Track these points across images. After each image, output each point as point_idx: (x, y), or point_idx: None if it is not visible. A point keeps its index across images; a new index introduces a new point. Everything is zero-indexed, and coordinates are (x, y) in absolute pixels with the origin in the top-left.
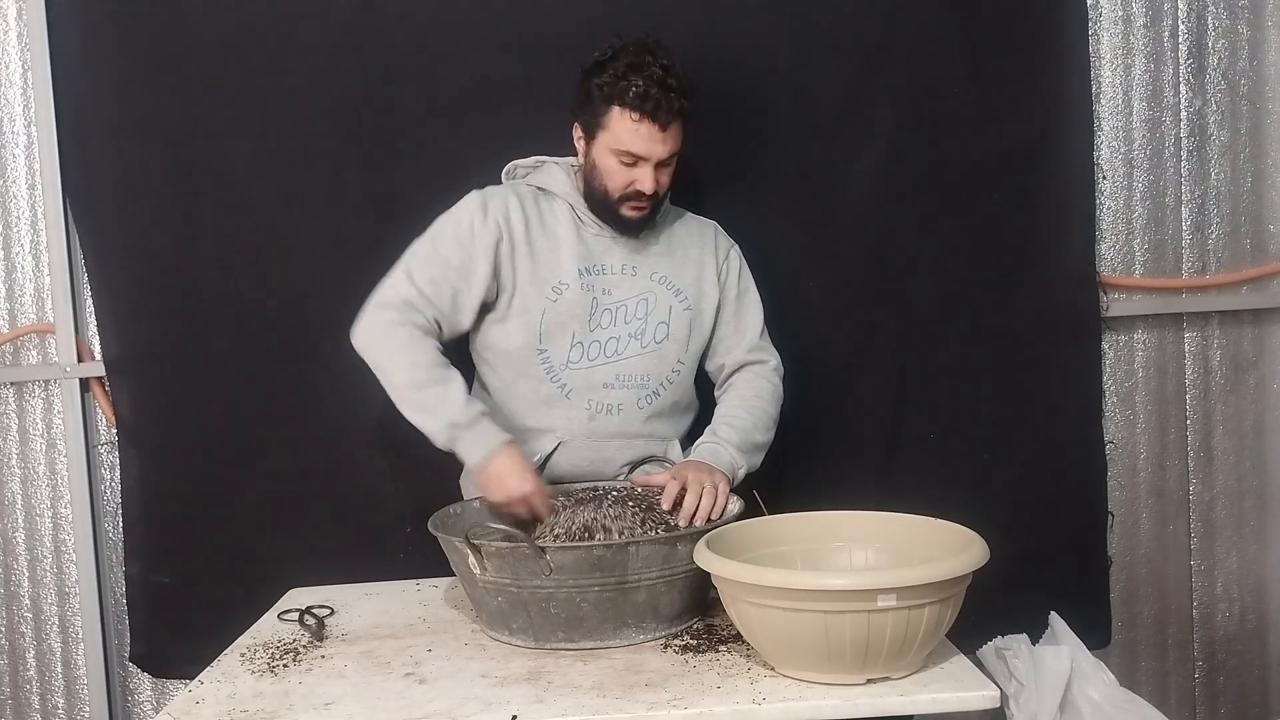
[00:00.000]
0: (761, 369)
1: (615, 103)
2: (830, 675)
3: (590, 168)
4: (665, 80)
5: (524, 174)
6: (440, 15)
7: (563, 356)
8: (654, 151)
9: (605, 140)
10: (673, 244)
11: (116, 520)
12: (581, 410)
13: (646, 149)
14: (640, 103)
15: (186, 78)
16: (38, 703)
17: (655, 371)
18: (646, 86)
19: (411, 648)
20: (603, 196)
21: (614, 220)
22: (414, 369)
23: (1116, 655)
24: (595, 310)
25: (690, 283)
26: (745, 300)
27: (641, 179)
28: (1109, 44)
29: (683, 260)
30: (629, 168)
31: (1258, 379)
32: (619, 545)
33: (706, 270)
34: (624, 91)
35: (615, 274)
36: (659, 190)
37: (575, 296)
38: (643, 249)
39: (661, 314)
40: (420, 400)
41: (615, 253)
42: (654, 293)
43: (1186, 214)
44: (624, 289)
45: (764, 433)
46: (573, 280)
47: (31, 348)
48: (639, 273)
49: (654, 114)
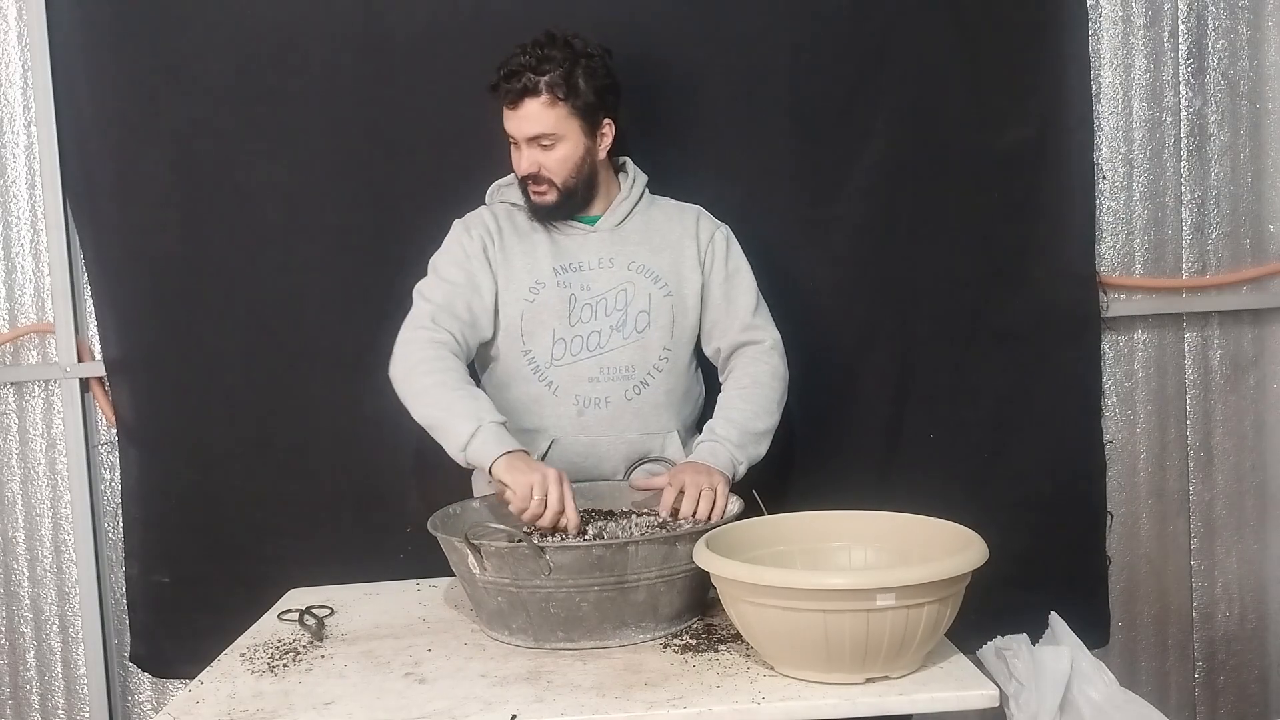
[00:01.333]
0: (758, 350)
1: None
2: (830, 675)
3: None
4: (521, 61)
5: (502, 191)
6: (440, 15)
7: (546, 354)
8: (520, 130)
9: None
10: (649, 231)
11: (116, 520)
12: (570, 406)
13: (515, 129)
14: (498, 85)
15: (186, 78)
16: (38, 703)
17: (640, 361)
18: (501, 76)
19: (411, 648)
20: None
21: (530, 207)
22: (444, 373)
23: (1116, 655)
24: (574, 306)
25: (668, 268)
26: (735, 280)
27: (518, 160)
28: (1109, 44)
29: (660, 246)
30: (516, 151)
31: (1258, 379)
32: (618, 545)
33: (686, 254)
34: (496, 78)
35: (592, 269)
36: (541, 171)
37: (552, 294)
38: (618, 240)
39: (641, 303)
40: (446, 404)
41: (590, 248)
42: (633, 282)
43: (1186, 214)
44: (602, 282)
45: (765, 419)
46: (549, 279)
47: (31, 348)
48: (616, 263)
49: (505, 96)
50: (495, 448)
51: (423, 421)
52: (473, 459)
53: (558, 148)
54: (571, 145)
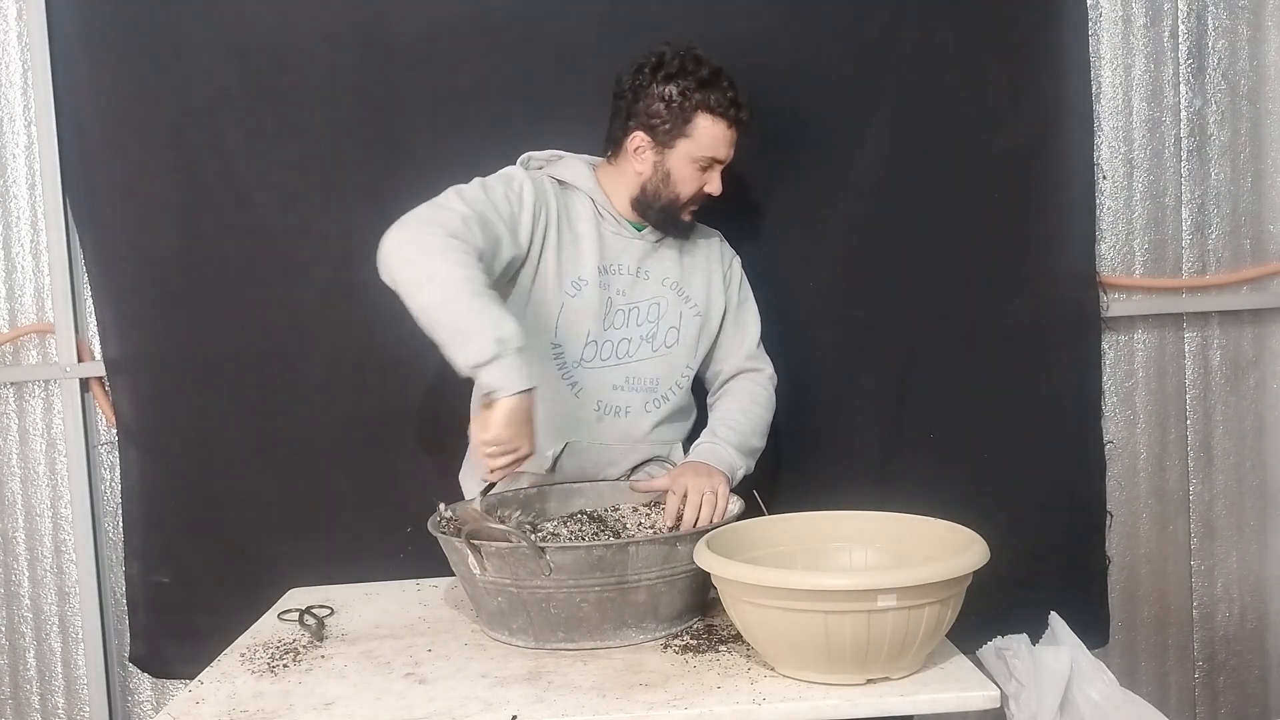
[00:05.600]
0: (757, 377)
1: (703, 110)
2: (830, 675)
3: (662, 177)
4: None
5: (539, 165)
6: (441, 15)
7: (576, 354)
8: (730, 155)
9: (687, 148)
10: (683, 251)
11: (116, 520)
12: (590, 411)
13: (728, 153)
14: (728, 109)
15: (186, 78)
16: (38, 703)
17: (664, 376)
18: (730, 91)
19: (411, 648)
20: (670, 204)
21: (672, 226)
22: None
23: (1116, 655)
24: (610, 310)
25: (699, 289)
26: (744, 310)
27: (713, 182)
28: (1109, 44)
29: (691, 267)
30: (703, 173)
31: (1258, 379)
32: (619, 545)
33: (714, 278)
34: (709, 94)
35: (629, 275)
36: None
37: (592, 294)
38: (655, 253)
39: (672, 319)
40: (472, 306)
41: (630, 254)
42: (665, 297)
43: (1186, 214)
44: (637, 291)
45: (759, 438)
46: (591, 278)
47: (31, 348)
48: (651, 276)
49: (738, 120)
50: (514, 382)
51: (430, 313)
52: (485, 383)
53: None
54: None
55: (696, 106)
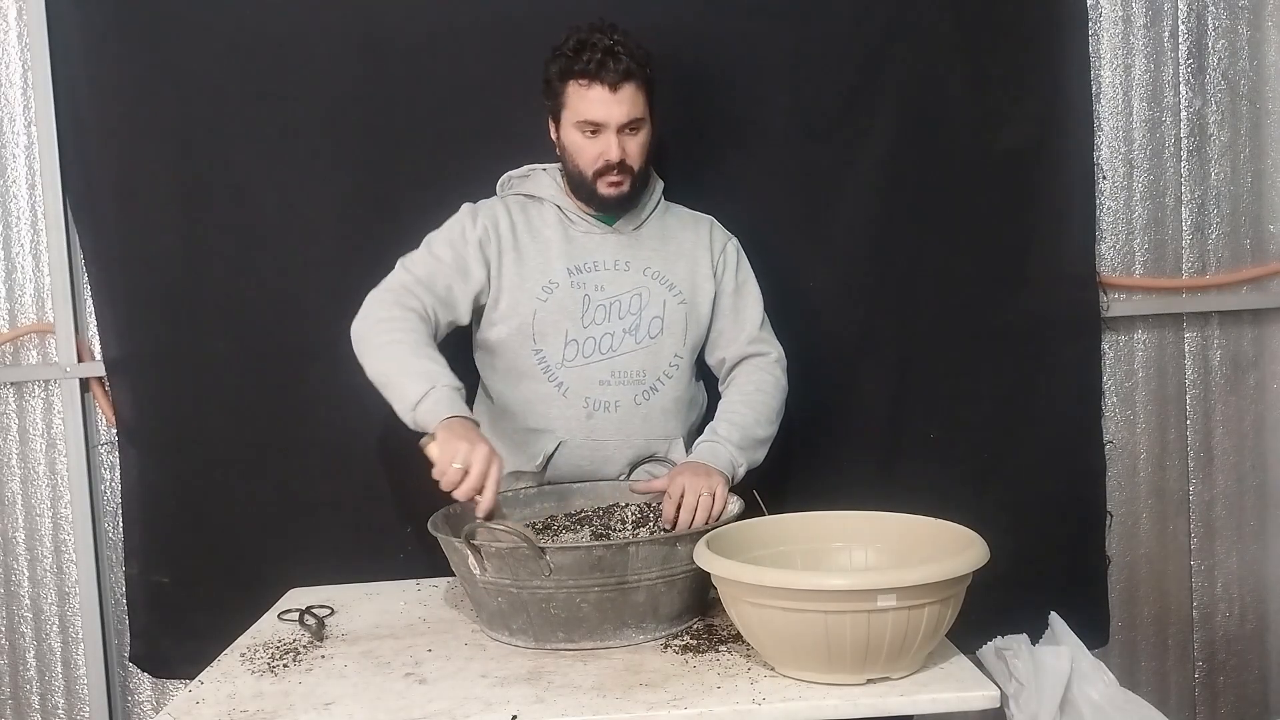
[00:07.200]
0: (763, 361)
1: (569, 78)
2: (830, 675)
3: (563, 151)
4: (612, 48)
5: (516, 184)
6: (440, 17)
7: (558, 355)
8: (611, 115)
9: (567, 118)
10: (665, 238)
11: (116, 520)
12: (579, 409)
13: (604, 113)
14: (588, 68)
15: (186, 78)
16: (38, 703)
17: (651, 367)
18: (591, 54)
19: (411, 648)
20: (579, 178)
21: (596, 201)
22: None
23: (1116, 655)
24: (588, 307)
25: (683, 276)
26: (744, 292)
27: (608, 147)
28: (1109, 44)
29: (675, 254)
30: (593, 138)
31: (1258, 379)
32: (619, 546)
33: (700, 263)
34: (573, 63)
35: (608, 270)
36: (627, 159)
37: (565, 294)
38: (635, 244)
39: (655, 308)
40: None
41: (606, 249)
42: (647, 287)
43: (1186, 214)
44: (616, 285)
45: (766, 427)
46: (562, 279)
47: (31, 348)
48: (631, 268)
49: (601, 76)
50: (445, 410)
51: (375, 377)
52: (421, 421)
53: (641, 133)
54: (649, 132)
55: (563, 75)
